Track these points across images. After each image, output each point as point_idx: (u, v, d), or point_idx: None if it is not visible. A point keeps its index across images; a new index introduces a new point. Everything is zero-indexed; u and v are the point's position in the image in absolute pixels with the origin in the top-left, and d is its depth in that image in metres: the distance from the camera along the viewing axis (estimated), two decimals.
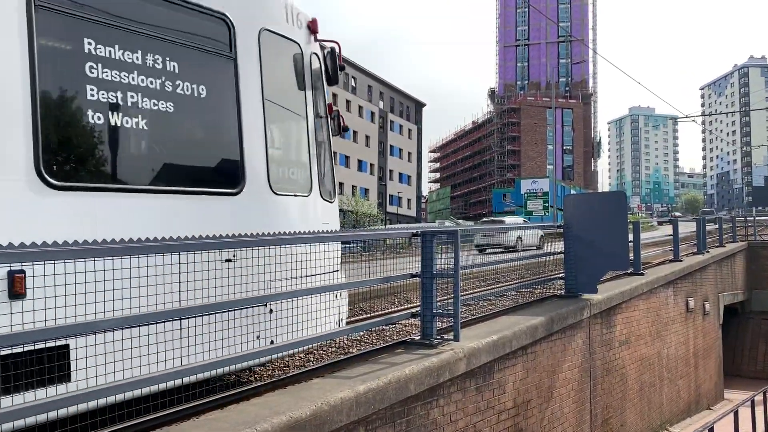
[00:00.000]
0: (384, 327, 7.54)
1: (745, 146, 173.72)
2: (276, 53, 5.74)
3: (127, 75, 4.55)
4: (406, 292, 10.41)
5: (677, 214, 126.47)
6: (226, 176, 5.22)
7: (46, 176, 3.96)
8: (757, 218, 32.46)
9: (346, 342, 7.04)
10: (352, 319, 7.74)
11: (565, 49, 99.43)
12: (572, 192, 61.89)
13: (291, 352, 4.96)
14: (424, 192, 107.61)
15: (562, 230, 9.35)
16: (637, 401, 11.09)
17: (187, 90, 4.95)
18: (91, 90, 4.33)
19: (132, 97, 4.56)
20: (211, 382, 4.43)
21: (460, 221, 64.81)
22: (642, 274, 12.30)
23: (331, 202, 6.46)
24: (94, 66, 4.36)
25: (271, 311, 4.87)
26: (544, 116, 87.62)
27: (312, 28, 6.21)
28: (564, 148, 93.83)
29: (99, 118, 4.37)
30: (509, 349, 6.73)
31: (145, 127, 4.66)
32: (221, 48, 5.22)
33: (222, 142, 5.31)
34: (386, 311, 9.25)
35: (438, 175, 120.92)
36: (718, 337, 18.53)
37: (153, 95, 4.69)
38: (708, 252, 18.33)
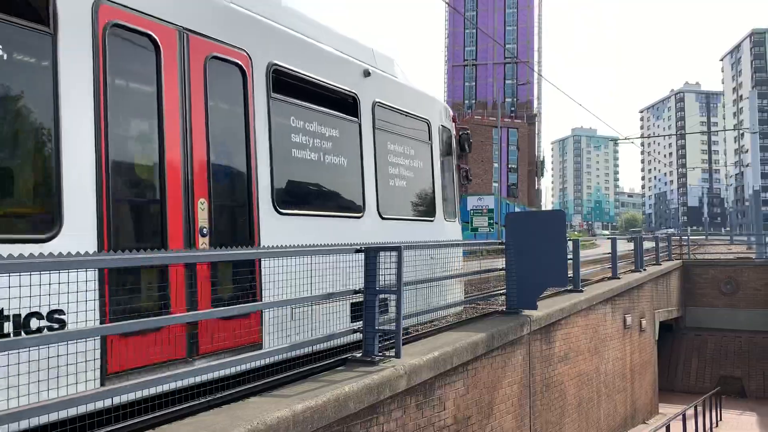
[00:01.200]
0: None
1: (681, 168, 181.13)
2: (442, 137, 9.72)
3: (399, 159, 8.49)
4: None
5: (604, 232, 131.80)
6: (430, 211, 9.27)
7: (381, 214, 7.87)
8: (691, 237, 33.81)
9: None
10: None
11: (511, 70, 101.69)
12: (516, 209, 63.10)
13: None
14: None
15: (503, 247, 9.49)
16: (575, 416, 11.30)
17: (416, 164, 8.87)
18: (390, 168, 8.29)
19: (400, 170, 8.51)
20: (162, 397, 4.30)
21: None
22: (581, 291, 12.59)
23: (460, 224, 10.46)
24: (393, 155, 8.35)
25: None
26: (491, 135, 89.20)
27: (454, 119, 10.40)
28: (509, 166, 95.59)
29: (394, 183, 8.36)
30: (450, 366, 6.76)
31: (405, 186, 8.61)
32: (425, 138, 9.25)
33: (428, 192, 9.23)
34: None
35: None
36: (654, 353, 19.12)
37: (407, 168, 8.67)
38: (645, 270, 18.93)
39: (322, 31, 7.48)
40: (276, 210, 6.13)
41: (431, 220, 9.19)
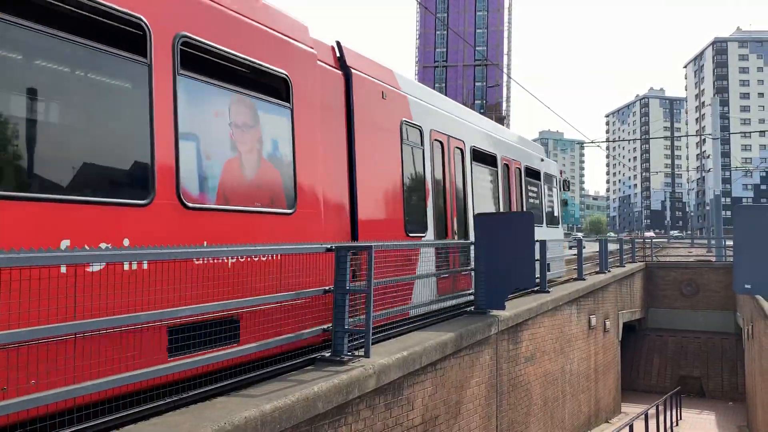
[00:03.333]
0: None
1: (644, 172, 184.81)
2: (559, 182, 18.10)
3: (549, 197, 16.73)
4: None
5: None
6: (557, 221, 17.76)
7: (547, 224, 16.45)
8: (654, 240, 34.48)
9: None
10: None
11: (481, 72, 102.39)
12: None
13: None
14: None
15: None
16: (541, 416, 11.43)
17: (554, 199, 17.43)
18: (547, 202, 16.76)
19: (549, 202, 16.93)
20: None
21: None
22: (548, 292, 12.73)
23: (561, 228, 18.61)
24: (547, 197, 16.58)
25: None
26: None
27: (561, 172, 18.41)
28: None
29: (549, 209, 16.95)
30: (419, 365, 6.77)
31: (550, 210, 17.10)
32: (555, 184, 17.75)
33: (557, 212, 17.67)
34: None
35: None
36: (617, 353, 19.44)
37: (549, 200, 16.76)
38: (609, 271, 19.24)
39: (524, 142, 15.94)
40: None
41: (557, 227, 17.69)
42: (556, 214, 17.47)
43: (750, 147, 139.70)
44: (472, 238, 10.31)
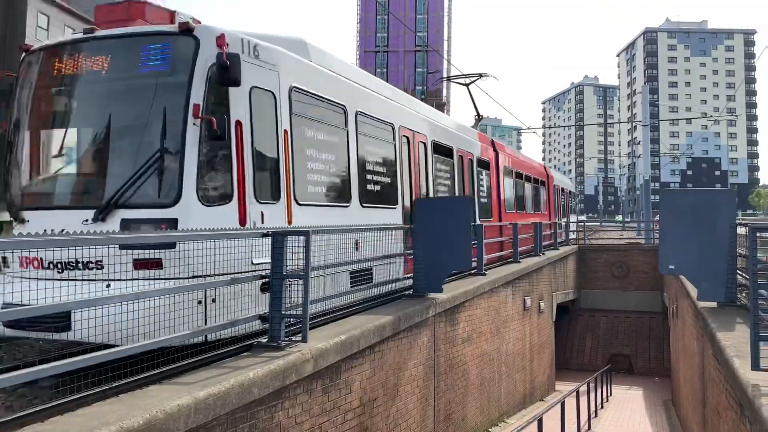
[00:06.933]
0: None
1: (578, 158, 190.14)
2: (570, 192, 34.18)
3: (569, 201, 33.76)
4: None
5: None
6: (572, 211, 37.23)
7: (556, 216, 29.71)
8: (586, 224, 35.62)
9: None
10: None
11: (421, 58, 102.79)
12: None
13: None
14: None
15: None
16: (477, 395, 11.69)
17: (571, 201, 35.50)
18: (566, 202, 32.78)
19: (568, 204, 32.64)
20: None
21: None
22: (484, 275, 12.97)
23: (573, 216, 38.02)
24: (570, 201, 34.88)
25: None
26: None
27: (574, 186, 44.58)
28: None
29: (568, 208, 33.57)
30: (357, 349, 6.81)
31: (571, 206, 37.10)
32: (569, 196, 33.25)
33: (571, 205, 35.07)
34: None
35: None
36: (551, 333, 20.05)
37: (570, 203, 34.17)
38: (544, 254, 19.76)
39: (565, 177, 37.79)
40: None
41: (573, 215, 33.23)
42: (570, 205, 32.41)
43: (678, 134, 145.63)
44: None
